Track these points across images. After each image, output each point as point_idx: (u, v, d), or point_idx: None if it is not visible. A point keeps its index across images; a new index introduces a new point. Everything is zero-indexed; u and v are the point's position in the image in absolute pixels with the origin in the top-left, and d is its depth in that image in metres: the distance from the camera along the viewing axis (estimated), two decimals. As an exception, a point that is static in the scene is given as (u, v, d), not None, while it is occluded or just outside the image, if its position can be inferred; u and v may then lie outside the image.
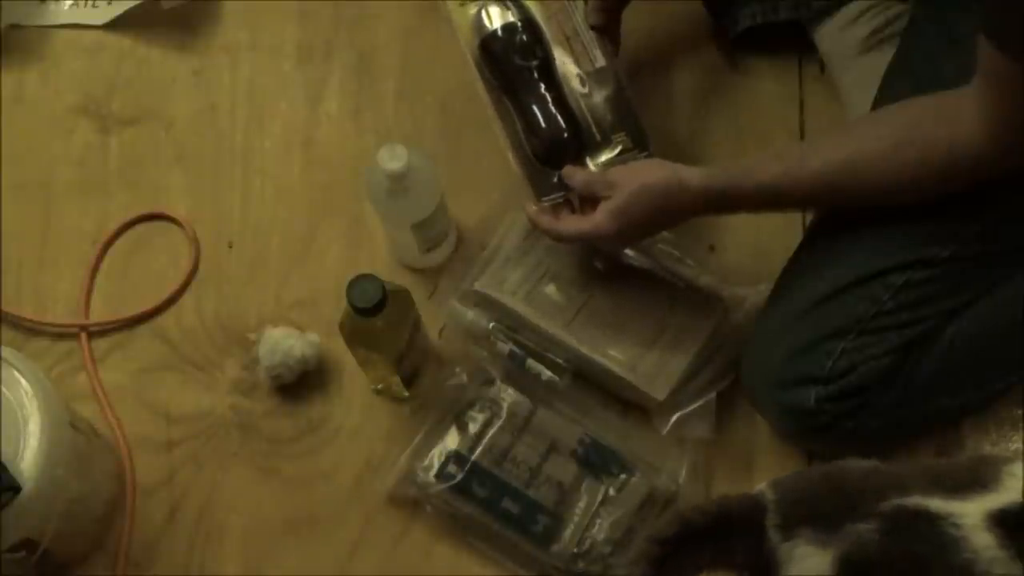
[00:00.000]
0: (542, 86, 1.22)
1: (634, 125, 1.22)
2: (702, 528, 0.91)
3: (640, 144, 1.21)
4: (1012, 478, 0.88)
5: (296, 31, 1.48)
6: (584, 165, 1.20)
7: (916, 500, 0.88)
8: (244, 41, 1.48)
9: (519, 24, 1.24)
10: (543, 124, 1.21)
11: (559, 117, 1.21)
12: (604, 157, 1.21)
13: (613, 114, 1.22)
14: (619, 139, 1.21)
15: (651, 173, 1.14)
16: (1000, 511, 0.86)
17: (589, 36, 1.24)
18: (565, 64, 1.24)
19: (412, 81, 1.44)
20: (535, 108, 1.22)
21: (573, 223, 1.18)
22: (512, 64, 1.23)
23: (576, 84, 1.23)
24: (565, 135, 1.21)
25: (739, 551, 0.91)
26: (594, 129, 1.22)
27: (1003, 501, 0.87)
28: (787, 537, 0.89)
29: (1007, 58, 0.93)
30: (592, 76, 1.23)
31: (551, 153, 1.20)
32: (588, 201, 1.17)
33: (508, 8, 1.24)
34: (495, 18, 1.24)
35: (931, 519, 0.87)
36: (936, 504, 0.87)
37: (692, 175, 1.12)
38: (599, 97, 1.23)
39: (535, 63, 1.23)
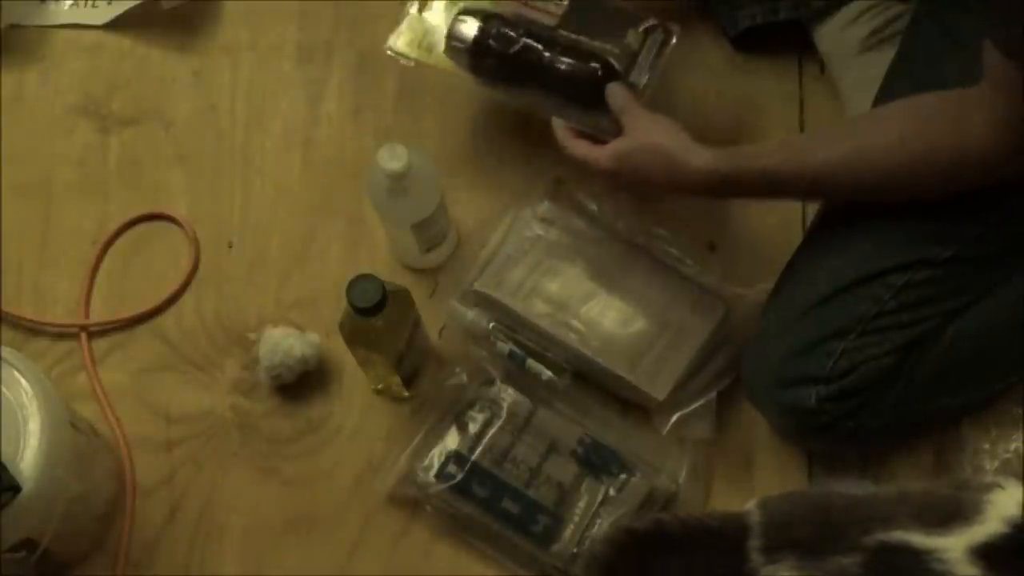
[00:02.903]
0: (546, 54, 1.23)
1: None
2: (676, 536, 0.91)
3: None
4: (993, 507, 0.88)
5: (296, 31, 1.48)
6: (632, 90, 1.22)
7: (899, 535, 0.88)
8: (244, 41, 1.48)
9: (490, 18, 1.25)
10: (574, 73, 1.22)
11: (578, 62, 1.23)
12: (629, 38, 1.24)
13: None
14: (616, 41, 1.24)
15: (666, 136, 1.15)
16: (983, 544, 0.86)
17: None
18: (540, 23, 1.26)
19: (412, 81, 1.44)
20: (559, 68, 1.23)
21: (583, 146, 1.20)
22: (510, 52, 1.23)
23: (560, 33, 1.25)
24: (599, 73, 1.22)
25: (717, 567, 0.91)
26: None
27: (986, 533, 0.87)
28: (769, 560, 0.89)
29: (1013, 66, 0.93)
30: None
31: (595, 92, 1.22)
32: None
33: (469, 14, 1.25)
34: (471, 29, 1.24)
35: (915, 554, 0.87)
36: (919, 539, 0.87)
37: (699, 156, 1.13)
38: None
39: (524, 39, 1.24)
